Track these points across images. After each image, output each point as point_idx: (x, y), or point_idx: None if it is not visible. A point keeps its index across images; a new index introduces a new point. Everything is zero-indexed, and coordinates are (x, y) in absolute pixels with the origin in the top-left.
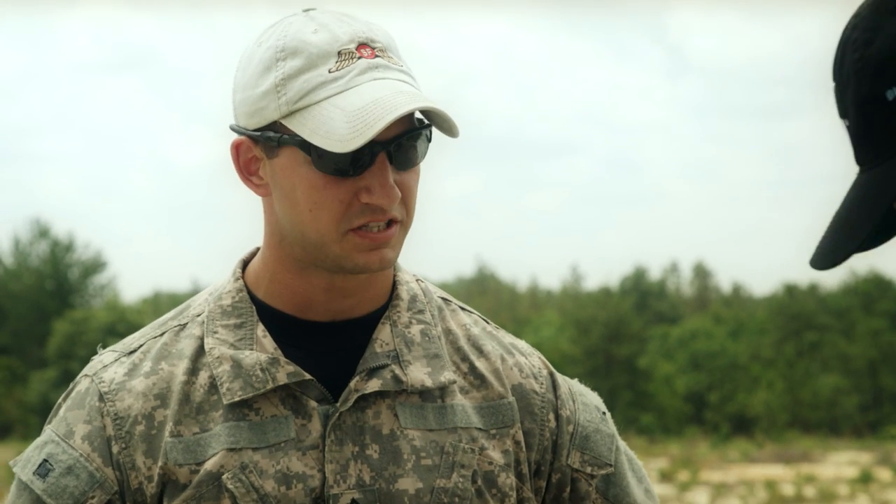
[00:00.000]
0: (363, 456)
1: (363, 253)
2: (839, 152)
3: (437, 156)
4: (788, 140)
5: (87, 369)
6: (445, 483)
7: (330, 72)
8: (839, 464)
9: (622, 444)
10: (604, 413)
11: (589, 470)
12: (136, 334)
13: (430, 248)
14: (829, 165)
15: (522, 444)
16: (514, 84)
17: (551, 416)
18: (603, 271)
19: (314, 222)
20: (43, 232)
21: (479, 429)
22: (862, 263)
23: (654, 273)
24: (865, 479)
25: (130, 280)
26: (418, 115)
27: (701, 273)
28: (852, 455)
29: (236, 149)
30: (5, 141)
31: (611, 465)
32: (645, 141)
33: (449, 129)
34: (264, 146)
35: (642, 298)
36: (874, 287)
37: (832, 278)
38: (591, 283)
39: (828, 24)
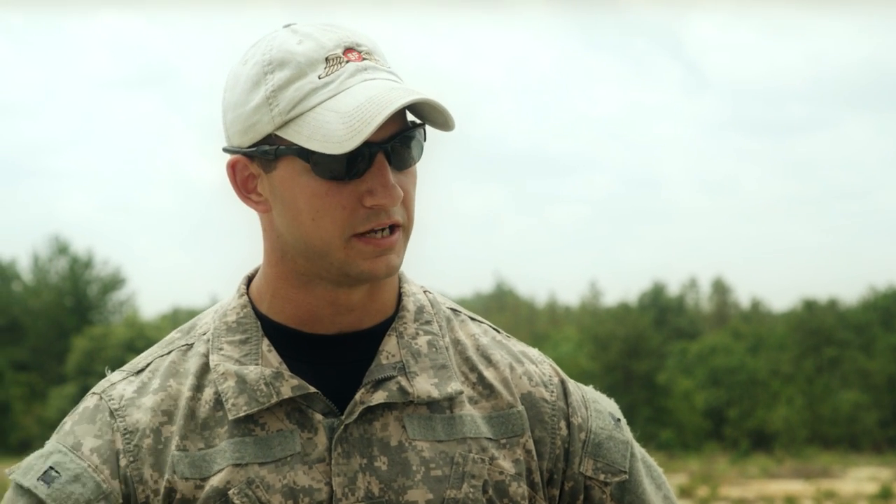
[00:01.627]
0: (371, 468)
1: (368, 260)
2: (858, 168)
3: (454, 171)
4: (807, 156)
5: (96, 388)
6: (456, 494)
7: (320, 78)
8: (859, 479)
9: (639, 450)
10: (618, 420)
11: (602, 477)
12: (144, 354)
13: (449, 264)
14: (848, 181)
15: (534, 452)
16: (533, 100)
17: (562, 424)
18: (622, 287)
19: (318, 230)
20: (62, 248)
21: (489, 438)
22: (881, 279)
23: (673, 289)
24: (885, 494)
25: (149, 296)
26: (410, 116)
27: (720, 289)
28: (872, 471)
29: (232, 168)
30: (25, 157)
31: (625, 472)
32: (664, 157)
33: (444, 122)
34: (261, 161)
35: (661, 314)
36: (894, 302)
37: (851, 294)
38: (610, 298)
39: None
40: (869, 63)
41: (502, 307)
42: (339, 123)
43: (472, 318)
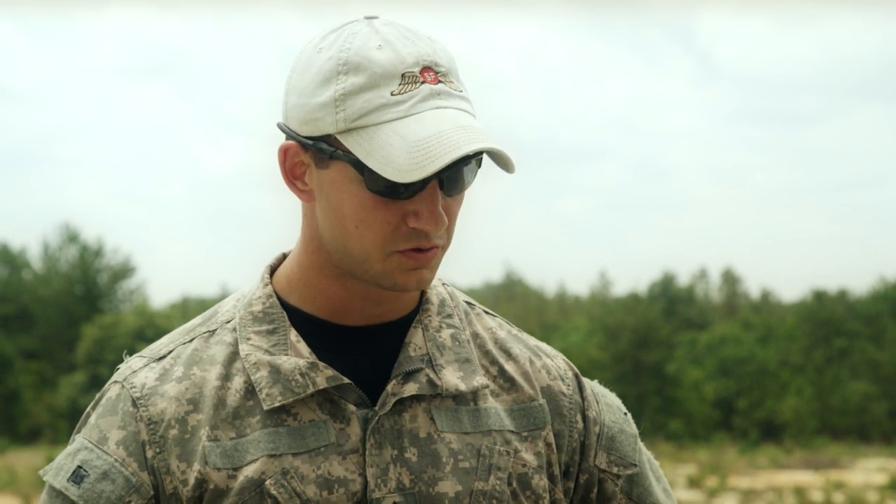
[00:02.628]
0: (402, 459)
1: (404, 273)
2: (869, 158)
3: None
4: (818, 146)
5: (117, 376)
6: (483, 486)
7: (392, 94)
8: (868, 470)
9: (641, 444)
10: (625, 413)
11: (615, 470)
12: (164, 339)
13: (459, 254)
14: (859, 171)
15: (553, 445)
16: (543, 90)
17: (579, 418)
18: (631, 277)
19: (359, 239)
20: (72, 237)
21: (512, 431)
22: (892, 269)
23: (683, 279)
24: (895, 485)
25: (159, 285)
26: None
27: (729, 279)
28: (882, 461)
29: (284, 152)
30: (35, 146)
31: (635, 465)
32: (674, 147)
33: (505, 165)
34: (315, 155)
35: (671, 304)
36: None
37: (861, 284)
38: (620, 288)
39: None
40: (880, 53)
41: (512, 297)
42: (403, 151)
43: (487, 312)
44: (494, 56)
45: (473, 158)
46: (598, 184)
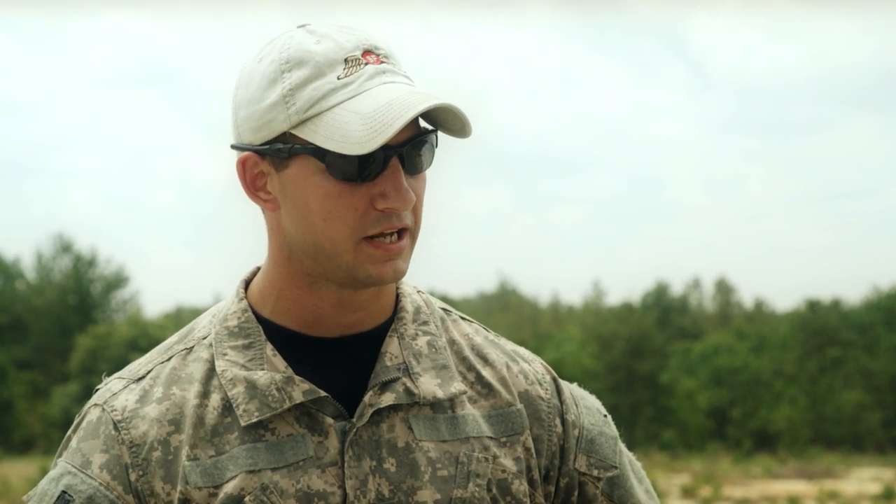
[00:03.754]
0: (381, 470)
1: (376, 264)
2: (862, 168)
3: (458, 171)
4: (811, 155)
5: (97, 398)
6: (462, 493)
7: (339, 78)
8: (862, 480)
9: (622, 445)
10: (605, 415)
11: (595, 473)
12: (142, 360)
13: (453, 264)
14: (852, 181)
15: (532, 450)
16: (536, 100)
17: (557, 422)
18: (625, 287)
19: (328, 231)
20: (66, 247)
21: (490, 437)
22: (885, 279)
23: (677, 288)
24: (889, 495)
25: (153, 295)
26: (423, 122)
27: (723, 288)
28: (875, 471)
29: (242, 165)
30: (29, 156)
31: (616, 468)
32: (667, 156)
33: (461, 128)
34: (272, 159)
35: (664, 314)
36: None
37: (855, 294)
38: (613, 298)
39: (850, 39)
40: (873, 62)
41: (506, 306)
42: (359, 124)
43: (463, 318)
44: (487, 65)
45: (430, 135)
46: (592, 193)
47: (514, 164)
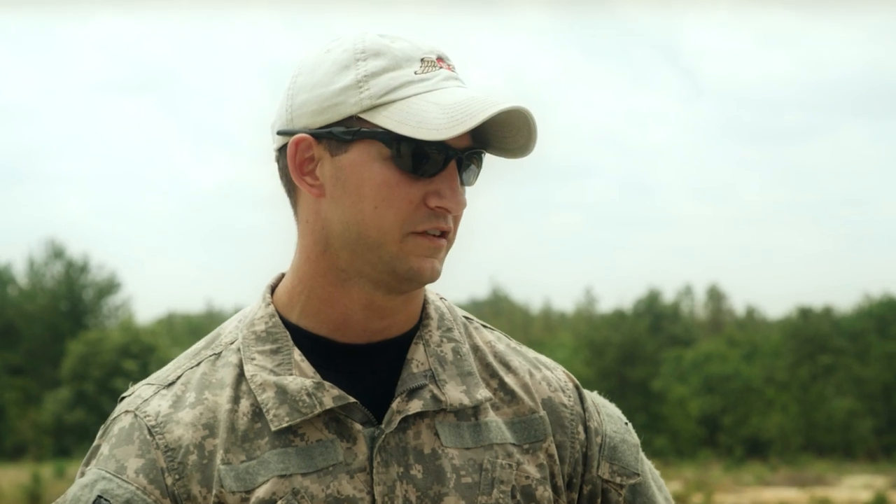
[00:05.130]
0: (408, 476)
1: (419, 258)
2: (854, 175)
3: None
4: (803, 163)
5: (127, 405)
6: (487, 500)
7: (416, 73)
8: (853, 487)
9: (642, 453)
10: (626, 423)
11: (618, 480)
12: (170, 366)
13: (444, 270)
14: (844, 189)
15: (556, 457)
16: (529, 106)
17: (580, 429)
18: (617, 294)
19: (377, 219)
20: (58, 253)
21: (514, 444)
22: (876, 286)
23: (668, 296)
24: (880, 502)
25: (145, 301)
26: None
27: (715, 296)
28: (867, 478)
29: (295, 146)
30: (21, 161)
31: (638, 475)
32: (659, 164)
33: (524, 144)
34: (329, 143)
35: (656, 321)
36: (888, 310)
37: (846, 301)
38: (605, 305)
39: (842, 46)
40: (865, 70)
41: (498, 313)
42: (439, 113)
43: (485, 326)
44: (480, 71)
45: (482, 152)
46: (584, 200)
47: (506, 170)
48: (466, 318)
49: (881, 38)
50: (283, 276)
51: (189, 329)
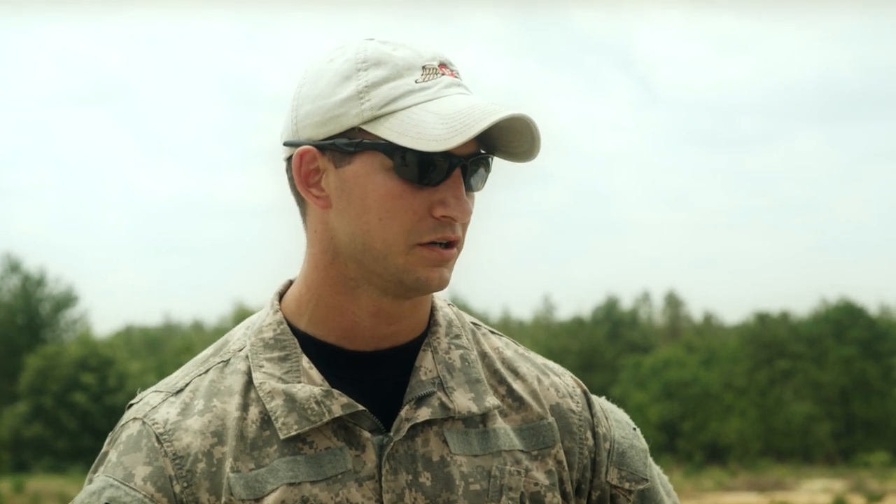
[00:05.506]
0: (417, 484)
1: (427, 268)
2: (809, 181)
3: None
4: (758, 169)
5: (135, 412)
6: None
7: (416, 82)
8: (812, 491)
9: (651, 459)
10: (634, 429)
11: (627, 486)
12: (178, 373)
13: None
14: (799, 194)
15: (564, 463)
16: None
17: (589, 435)
18: (575, 301)
19: (382, 231)
20: (14, 266)
21: (522, 451)
22: (833, 291)
23: (626, 302)
24: None
25: (102, 314)
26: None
27: (672, 302)
28: (825, 482)
29: (300, 158)
30: None
31: (647, 480)
32: (615, 171)
33: (528, 150)
34: (333, 155)
35: (614, 328)
36: (845, 315)
37: (803, 306)
38: (564, 312)
39: (796, 53)
40: (820, 75)
41: None
42: (438, 123)
43: (493, 332)
44: None
45: (489, 157)
46: (541, 208)
47: None
48: (475, 324)
49: (835, 43)
50: (290, 283)
51: (146, 342)
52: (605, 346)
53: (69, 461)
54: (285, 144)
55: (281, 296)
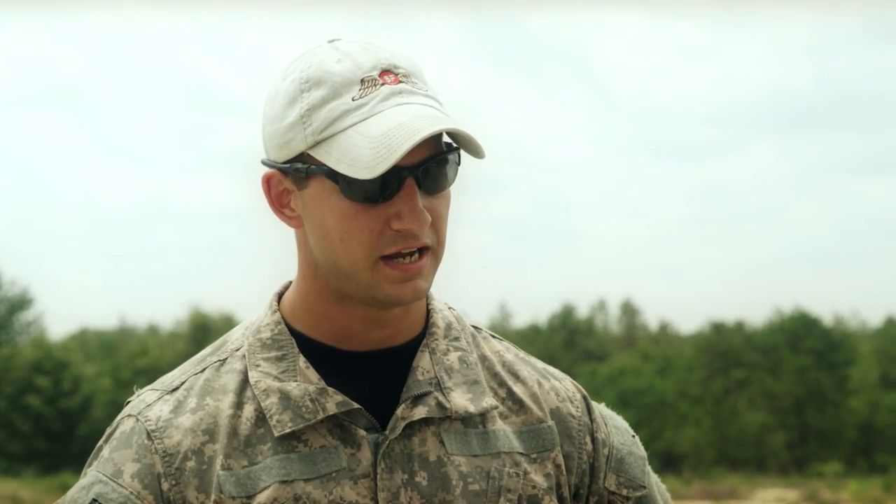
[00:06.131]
0: (413, 483)
1: (395, 284)
2: (765, 191)
3: None
4: (714, 178)
5: (130, 409)
6: None
7: (353, 100)
8: (766, 501)
9: (649, 466)
10: (633, 436)
11: (625, 492)
12: (175, 372)
13: None
14: (755, 204)
15: (563, 467)
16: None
17: (588, 440)
18: (531, 309)
19: (345, 251)
20: None
21: (521, 453)
22: (788, 301)
23: (582, 310)
24: None
25: (57, 317)
26: (446, 138)
27: (628, 310)
28: (779, 492)
29: (267, 182)
30: None
31: (645, 487)
32: (573, 179)
33: (475, 150)
34: (294, 178)
35: (570, 336)
36: (800, 325)
37: (758, 316)
38: (520, 320)
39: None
40: (776, 86)
41: None
42: (367, 148)
43: (493, 336)
44: None
45: (450, 153)
46: (497, 216)
47: None
48: (475, 328)
49: (793, 54)
50: (290, 283)
51: (101, 345)
52: (561, 353)
53: (22, 464)
54: (262, 163)
55: (280, 296)
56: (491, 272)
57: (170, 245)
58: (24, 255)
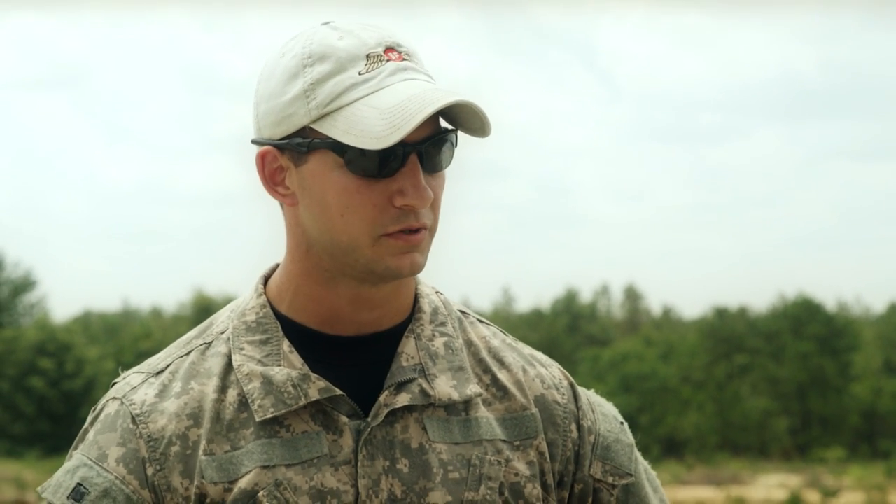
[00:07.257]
0: (394, 470)
1: (395, 256)
2: (768, 176)
3: None
4: (718, 164)
5: (115, 391)
6: (474, 496)
7: (360, 74)
8: (768, 486)
9: (638, 453)
10: (622, 423)
11: (610, 480)
12: (161, 354)
13: None
14: (758, 189)
15: (546, 454)
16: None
17: (573, 427)
18: (534, 294)
19: (346, 226)
20: None
21: (504, 440)
22: (791, 287)
23: (586, 295)
24: (794, 501)
25: (60, 299)
26: (443, 121)
27: (632, 295)
28: (781, 477)
29: (262, 159)
30: None
31: (631, 475)
32: (576, 164)
33: (480, 127)
34: (291, 154)
35: (573, 321)
36: (803, 310)
37: (761, 301)
38: (523, 305)
39: (756, 49)
40: (779, 72)
41: None
42: (379, 119)
43: (481, 321)
44: None
45: (450, 134)
46: (502, 201)
47: None
48: (463, 312)
49: (796, 41)
50: (277, 265)
51: (105, 327)
52: (564, 338)
53: (25, 446)
54: (252, 142)
55: (266, 279)
56: (495, 257)
57: (173, 228)
58: (27, 238)
